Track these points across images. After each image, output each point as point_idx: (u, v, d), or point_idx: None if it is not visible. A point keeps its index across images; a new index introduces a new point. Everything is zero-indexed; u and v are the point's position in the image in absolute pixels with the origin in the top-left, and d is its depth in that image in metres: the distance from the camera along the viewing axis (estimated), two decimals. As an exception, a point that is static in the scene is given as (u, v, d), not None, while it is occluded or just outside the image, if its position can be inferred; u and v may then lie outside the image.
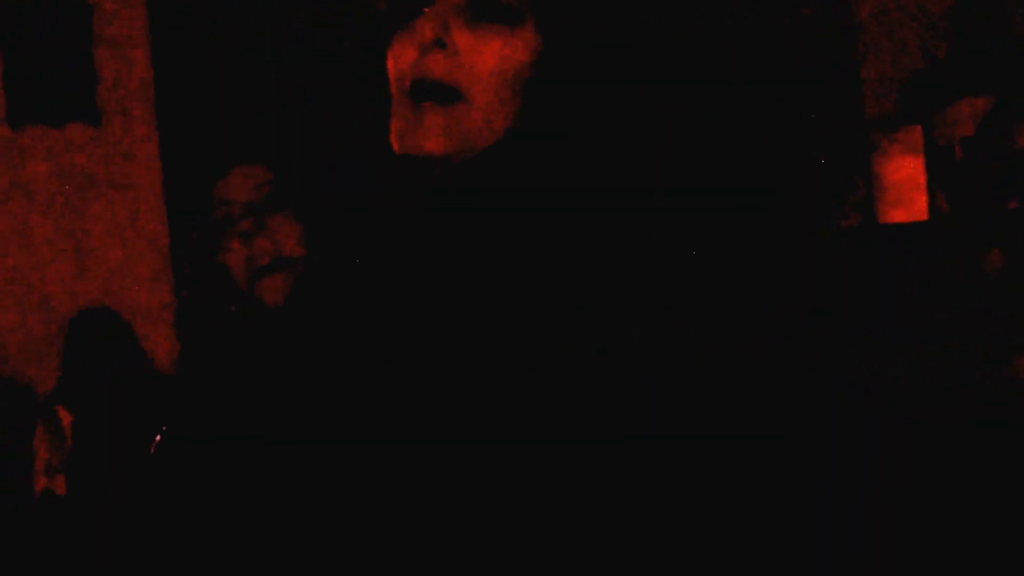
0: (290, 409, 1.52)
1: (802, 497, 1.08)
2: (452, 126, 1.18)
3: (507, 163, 1.19)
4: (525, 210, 1.17)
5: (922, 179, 3.83)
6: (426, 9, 1.19)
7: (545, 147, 1.18)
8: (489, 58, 1.17)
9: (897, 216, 3.84)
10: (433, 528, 1.15)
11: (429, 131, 1.18)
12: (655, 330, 1.10)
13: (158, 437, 1.61)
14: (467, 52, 1.17)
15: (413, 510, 1.16)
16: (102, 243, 6.98)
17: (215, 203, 1.66)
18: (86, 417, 3.96)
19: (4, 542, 2.95)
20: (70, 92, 6.76)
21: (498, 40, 1.17)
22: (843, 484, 1.10)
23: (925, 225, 3.80)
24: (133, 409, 4.11)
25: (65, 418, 4.01)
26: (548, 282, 1.14)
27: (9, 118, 6.77)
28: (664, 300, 1.12)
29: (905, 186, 3.84)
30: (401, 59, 1.20)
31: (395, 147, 1.22)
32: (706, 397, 1.08)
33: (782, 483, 1.08)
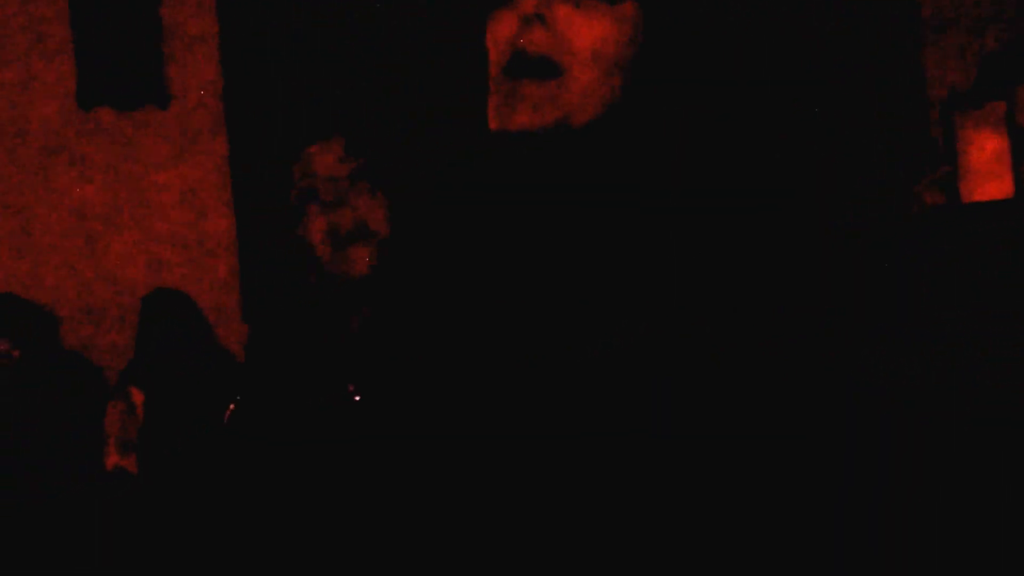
0: (364, 386, 1.50)
1: (814, 496, 1.08)
2: (549, 102, 1.17)
3: (602, 142, 1.17)
4: (615, 192, 1.15)
5: (1007, 156, 3.75)
6: None
7: (642, 128, 1.16)
8: (589, 34, 1.16)
9: (983, 194, 3.77)
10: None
11: (526, 106, 1.17)
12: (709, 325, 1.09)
13: (232, 406, 1.61)
14: (567, 27, 1.16)
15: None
16: (170, 224, 7.04)
17: (297, 176, 1.65)
18: (158, 396, 3.98)
19: (76, 518, 2.97)
20: (139, 74, 6.80)
21: (599, 16, 1.16)
22: (859, 482, 1.09)
23: (1012, 202, 3.73)
24: (203, 389, 4.13)
25: (138, 397, 4.04)
26: (636, 264, 1.13)
27: (80, 99, 6.83)
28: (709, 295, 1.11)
29: (990, 163, 3.77)
30: (500, 33, 1.19)
31: (491, 123, 1.21)
32: (737, 392, 1.08)
33: (795, 481, 1.07)
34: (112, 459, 3.74)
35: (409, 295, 1.33)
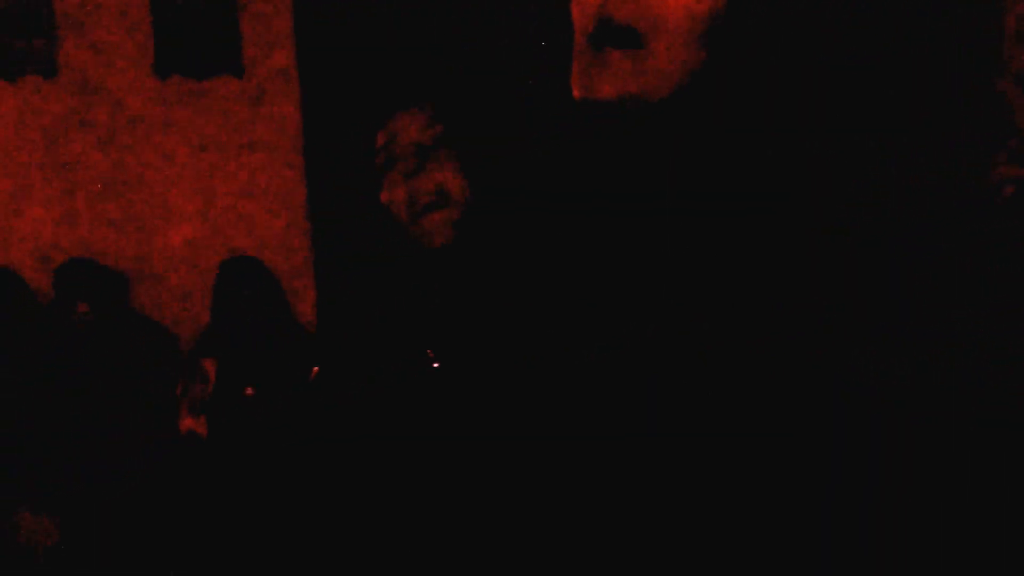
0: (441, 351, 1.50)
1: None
2: (634, 72, 1.16)
3: (685, 115, 1.16)
4: (692, 168, 1.14)
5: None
6: None
7: (724, 102, 1.15)
8: (675, 5, 1.14)
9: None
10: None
11: (610, 76, 1.16)
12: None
13: (316, 369, 1.63)
14: None
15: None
16: (244, 192, 7.11)
17: (380, 143, 1.65)
18: (231, 362, 4.02)
19: (154, 479, 3.02)
20: (215, 42, 6.84)
21: None
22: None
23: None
24: (276, 355, 4.17)
25: (210, 362, 4.08)
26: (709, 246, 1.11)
27: (156, 68, 6.90)
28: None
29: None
30: (586, 1, 1.18)
31: (575, 92, 1.20)
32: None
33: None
34: (185, 422, 3.79)
35: (486, 264, 1.32)
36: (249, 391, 3.82)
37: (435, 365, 1.49)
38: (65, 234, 6.93)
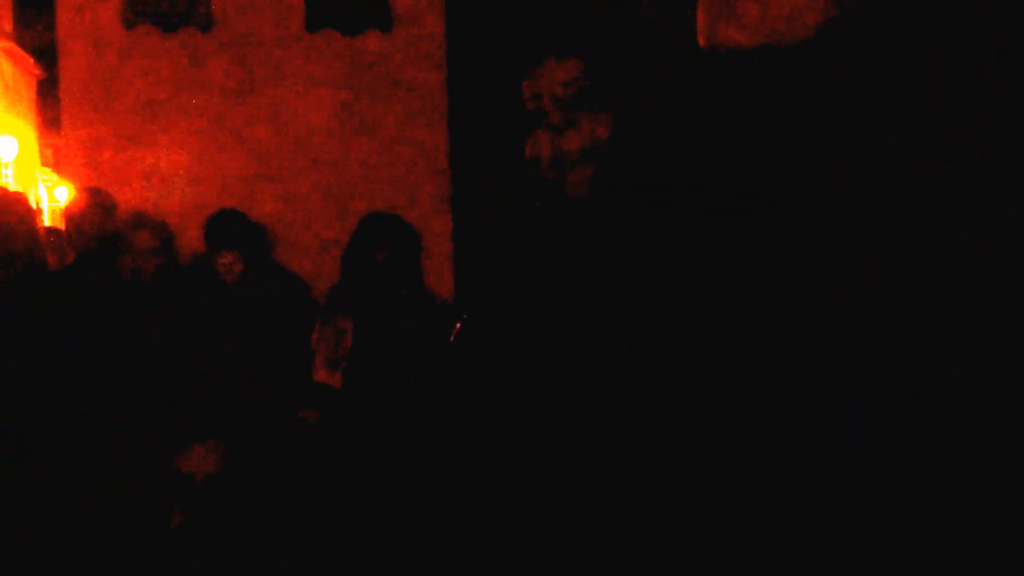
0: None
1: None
2: (763, 17, 1.13)
3: (808, 66, 1.12)
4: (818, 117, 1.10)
5: None
6: None
7: (847, 56, 1.10)
8: None
9: None
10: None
11: (738, 21, 1.14)
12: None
13: (459, 323, 1.61)
14: None
15: None
16: (386, 145, 7.15)
17: (526, 96, 1.61)
18: (367, 316, 4.04)
19: (286, 431, 3.06)
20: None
21: None
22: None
23: None
24: (412, 310, 4.17)
25: (344, 317, 4.10)
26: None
27: (307, 23, 6.96)
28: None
29: None
30: None
31: (700, 41, 1.18)
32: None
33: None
34: (320, 374, 3.82)
35: (626, 219, 1.31)
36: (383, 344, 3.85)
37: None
38: (214, 184, 7.08)
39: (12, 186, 11.06)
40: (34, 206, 8.87)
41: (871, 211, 1.08)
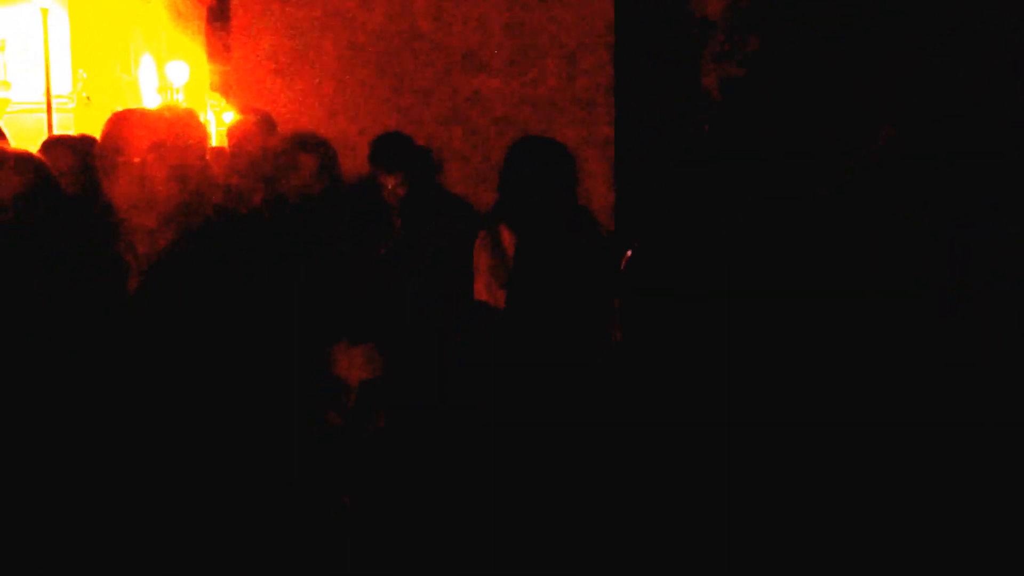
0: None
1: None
2: None
3: None
4: None
5: None
6: None
7: None
8: None
9: None
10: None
11: None
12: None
13: (629, 252, 1.57)
14: None
15: None
16: (550, 76, 7.10)
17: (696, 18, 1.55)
18: (527, 237, 4.03)
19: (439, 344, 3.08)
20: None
21: None
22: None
23: None
24: (570, 234, 4.14)
25: (507, 235, 4.09)
26: None
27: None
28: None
29: None
30: None
31: None
32: None
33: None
34: (480, 293, 3.82)
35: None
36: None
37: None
38: (381, 110, 7.13)
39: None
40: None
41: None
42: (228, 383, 2.73)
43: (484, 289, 3.88)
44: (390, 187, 4.64)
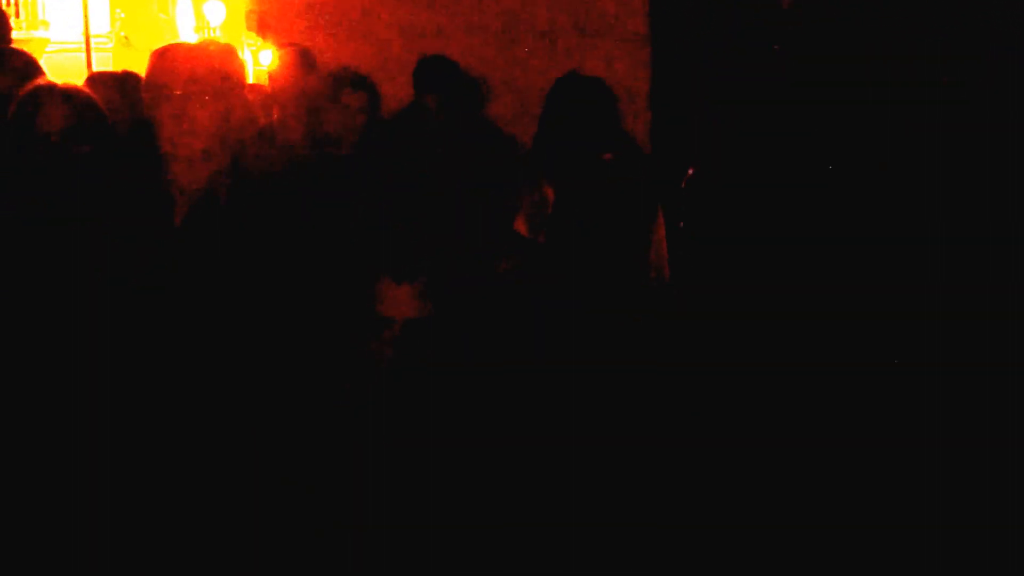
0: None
1: None
2: None
3: None
4: None
5: None
6: None
7: None
8: None
9: None
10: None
11: None
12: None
13: (691, 171, 1.58)
14: None
15: None
16: (586, 14, 7.04)
17: None
18: (564, 173, 4.04)
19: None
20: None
21: None
22: None
23: None
24: (609, 168, 4.15)
25: (544, 183, 4.10)
26: None
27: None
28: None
29: None
30: None
31: None
32: None
33: None
34: (520, 226, 3.83)
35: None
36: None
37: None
38: (431, 39, 7.10)
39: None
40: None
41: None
42: (273, 313, 2.76)
43: (524, 225, 3.88)
44: (430, 109, 4.65)
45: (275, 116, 5.00)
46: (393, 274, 2.80)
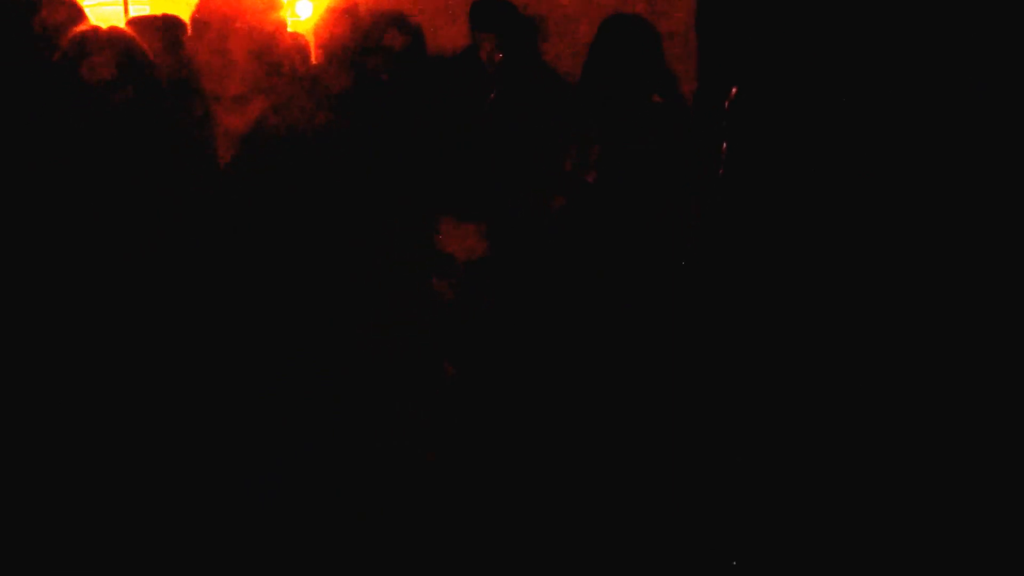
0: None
1: None
2: None
3: None
4: None
5: None
6: None
7: None
8: None
9: None
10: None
11: None
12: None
13: (734, 90, 1.53)
14: None
15: None
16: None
17: None
18: (611, 113, 3.99)
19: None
20: None
21: None
22: None
23: None
24: (655, 113, 4.09)
25: (591, 128, 4.06)
26: None
27: None
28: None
29: None
30: None
31: None
32: None
33: None
34: (568, 164, 3.79)
35: None
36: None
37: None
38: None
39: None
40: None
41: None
42: (322, 251, 2.74)
43: (570, 160, 3.85)
44: (487, 50, 4.61)
45: (322, 58, 4.95)
46: (454, 212, 2.78)
